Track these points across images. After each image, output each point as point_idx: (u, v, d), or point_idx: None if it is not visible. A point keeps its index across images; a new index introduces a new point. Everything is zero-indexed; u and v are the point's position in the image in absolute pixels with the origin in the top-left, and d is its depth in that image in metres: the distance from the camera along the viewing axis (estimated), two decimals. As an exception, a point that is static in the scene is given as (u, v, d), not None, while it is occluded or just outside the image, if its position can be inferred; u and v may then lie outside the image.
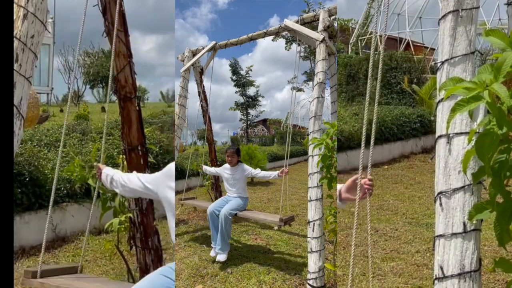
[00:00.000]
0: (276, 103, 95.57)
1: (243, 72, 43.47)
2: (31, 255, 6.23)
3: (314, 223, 4.79)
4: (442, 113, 1.86)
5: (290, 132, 6.82)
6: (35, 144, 8.63)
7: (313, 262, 4.69)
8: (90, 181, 4.42)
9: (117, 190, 3.25)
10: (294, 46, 36.91)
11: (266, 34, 7.12)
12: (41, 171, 7.08)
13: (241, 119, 46.21)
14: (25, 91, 2.51)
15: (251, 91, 44.86)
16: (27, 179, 6.69)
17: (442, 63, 1.89)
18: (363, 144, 2.34)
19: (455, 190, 1.80)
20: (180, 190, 14.30)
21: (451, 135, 1.82)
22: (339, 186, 2.64)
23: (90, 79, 40.61)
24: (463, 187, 1.79)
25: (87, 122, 14.45)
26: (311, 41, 5.90)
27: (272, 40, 33.89)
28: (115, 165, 6.51)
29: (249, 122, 45.66)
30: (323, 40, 5.46)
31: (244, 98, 44.36)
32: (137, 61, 4.04)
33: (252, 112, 45.50)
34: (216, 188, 9.99)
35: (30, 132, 9.82)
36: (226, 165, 7.20)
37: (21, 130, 2.50)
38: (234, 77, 43.50)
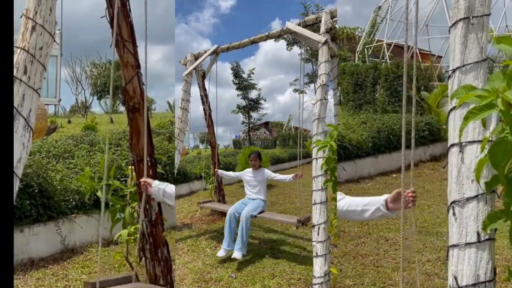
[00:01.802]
0: (278, 106, 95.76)
1: (245, 75, 43.71)
2: (40, 267, 6.21)
3: (319, 227, 4.75)
4: (454, 121, 1.84)
5: (301, 135, 6.86)
6: (43, 155, 8.65)
7: (318, 267, 4.63)
8: (99, 193, 4.41)
9: (169, 202, 3.50)
10: (295, 47, 37.11)
11: (268, 37, 7.14)
12: (49, 183, 7.07)
13: (243, 122, 46.40)
14: (34, 103, 2.51)
15: (253, 94, 45.08)
16: (36, 190, 6.68)
17: (454, 71, 1.87)
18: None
19: (469, 199, 1.78)
20: (184, 193, 14.40)
21: (463, 144, 1.80)
22: (383, 197, 2.75)
23: (98, 90, 40.79)
24: (476, 196, 1.77)
25: (95, 133, 14.49)
26: (313, 43, 5.89)
27: (275, 40, 33.99)
28: (123, 176, 6.51)
29: (251, 125, 45.79)
30: (325, 42, 5.45)
31: (246, 101, 44.52)
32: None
33: (254, 115, 45.73)
34: (219, 191, 9.97)
35: (38, 143, 9.84)
36: (248, 169, 7.80)
37: (30, 142, 2.50)
38: (236, 80, 43.71)
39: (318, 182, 4.89)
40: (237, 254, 6.38)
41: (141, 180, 3.68)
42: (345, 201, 2.86)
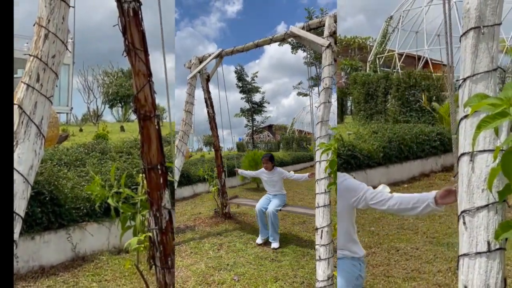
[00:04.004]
0: (283, 109, 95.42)
1: (248, 79, 43.77)
2: (51, 275, 6.23)
3: (322, 230, 4.73)
4: (465, 130, 1.84)
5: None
6: (55, 163, 8.68)
7: (321, 270, 4.59)
8: (109, 200, 4.42)
9: None
10: (299, 50, 37.17)
11: (272, 41, 7.16)
12: (60, 191, 7.09)
13: (246, 125, 46.41)
14: (46, 111, 2.53)
15: (256, 97, 45.12)
16: (47, 198, 6.70)
17: (464, 80, 1.87)
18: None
19: (479, 209, 1.77)
20: (187, 196, 14.44)
21: (474, 153, 1.79)
22: (431, 194, 3.05)
23: (109, 99, 40.96)
24: (487, 205, 1.76)
25: (106, 142, 14.52)
26: (317, 46, 5.89)
27: (279, 45, 33.98)
28: (134, 184, 6.54)
29: (254, 128, 45.80)
30: (329, 46, 5.45)
31: (250, 104, 44.56)
32: (157, 80, 4.05)
33: (257, 118, 45.73)
34: (222, 194, 10.14)
35: (50, 151, 9.88)
36: (263, 170, 8.59)
37: (42, 149, 2.52)
38: (239, 84, 43.76)
39: (321, 185, 4.88)
40: (274, 244, 7.55)
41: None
42: (396, 200, 3.20)
